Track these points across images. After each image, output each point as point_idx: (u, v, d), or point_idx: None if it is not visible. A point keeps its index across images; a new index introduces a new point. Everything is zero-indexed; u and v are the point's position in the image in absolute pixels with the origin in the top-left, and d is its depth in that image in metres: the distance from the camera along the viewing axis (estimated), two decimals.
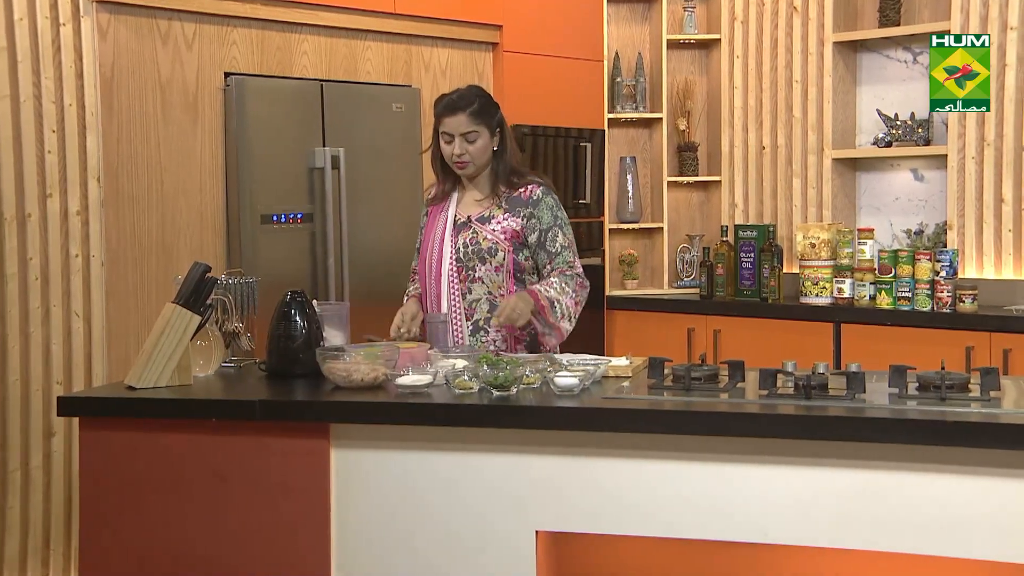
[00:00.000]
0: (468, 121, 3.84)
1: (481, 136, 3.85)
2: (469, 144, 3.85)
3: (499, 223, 3.88)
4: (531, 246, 3.90)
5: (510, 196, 3.90)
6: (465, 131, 3.84)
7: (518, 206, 3.89)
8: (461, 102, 3.86)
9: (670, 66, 6.63)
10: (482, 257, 3.85)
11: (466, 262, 3.86)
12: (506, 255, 3.86)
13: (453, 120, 3.85)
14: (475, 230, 3.88)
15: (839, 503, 2.86)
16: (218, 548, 3.22)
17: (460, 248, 3.87)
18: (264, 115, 4.90)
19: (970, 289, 5.33)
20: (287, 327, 3.55)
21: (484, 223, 3.88)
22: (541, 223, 3.88)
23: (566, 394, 3.15)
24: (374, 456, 3.19)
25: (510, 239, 3.87)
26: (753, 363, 3.31)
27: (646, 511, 3.01)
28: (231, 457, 3.22)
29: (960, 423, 2.75)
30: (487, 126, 3.86)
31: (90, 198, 4.38)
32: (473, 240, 3.87)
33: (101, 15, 4.41)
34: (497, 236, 3.86)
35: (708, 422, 2.94)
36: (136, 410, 3.25)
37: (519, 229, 3.88)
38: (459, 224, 3.91)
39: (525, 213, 3.88)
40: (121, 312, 4.46)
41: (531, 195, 3.90)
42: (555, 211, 3.92)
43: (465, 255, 3.87)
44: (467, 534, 3.13)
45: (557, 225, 3.91)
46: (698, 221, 6.77)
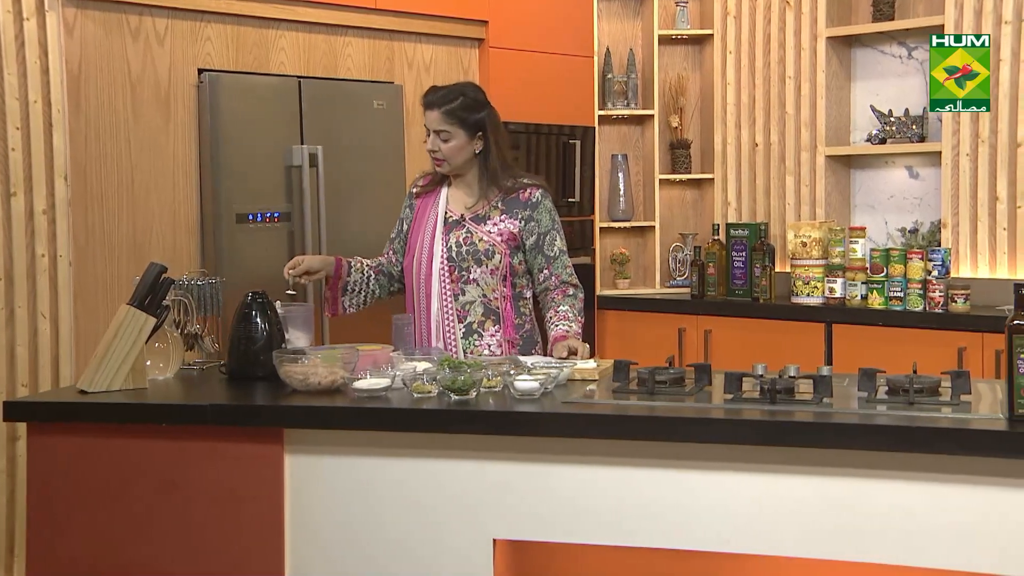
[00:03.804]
0: (440, 119, 3.75)
1: (454, 137, 3.75)
2: (442, 142, 3.76)
3: (496, 224, 3.78)
4: (527, 249, 3.80)
5: (507, 198, 3.81)
6: (438, 129, 3.76)
7: (516, 208, 3.80)
8: (437, 99, 3.77)
9: (662, 62, 6.53)
10: (478, 259, 3.75)
11: (460, 263, 3.76)
12: (502, 258, 3.76)
13: (429, 115, 3.77)
14: (469, 230, 3.78)
15: (802, 511, 2.77)
16: (169, 557, 3.13)
17: (452, 247, 3.77)
18: (240, 112, 4.81)
19: (962, 289, 5.22)
20: (247, 329, 3.47)
21: (479, 223, 3.79)
22: (540, 226, 3.80)
23: (526, 398, 3.07)
24: (329, 462, 3.10)
25: (507, 241, 3.77)
26: (743, 365, 3.21)
27: (606, 519, 2.92)
28: (182, 463, 3.13)
29: (924, 428, 2.65)
30: (462, 127, 3.75)
31: (57, 197, 4.29)
32: (468, 240, 3.77)
33: (67, 10, 4.32)
34: (494, 238, 3.76)
35: (667, 427, 2.85)
36: (85, 415, 3.17)
37: (516, 232, 3.78)
38: (450, 222, 3.82)
39: (524, 215, 3.79)
40: (90, 313, 4.38)
41: (530, 197, 3.81)
42: (553, 215, 3.85)
43: (459, 255, 3.76)
44: (423, 542, 3.04)
45: (555, 229, 3.84)
46: (691, 219, 6.67)
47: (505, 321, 3.78)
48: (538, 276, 3.83)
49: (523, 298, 3.85)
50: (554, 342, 3.66)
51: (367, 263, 3.94)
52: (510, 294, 3.81)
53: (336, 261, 3.87)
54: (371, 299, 3.95)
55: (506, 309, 3.79)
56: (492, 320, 3.77)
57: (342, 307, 3.91)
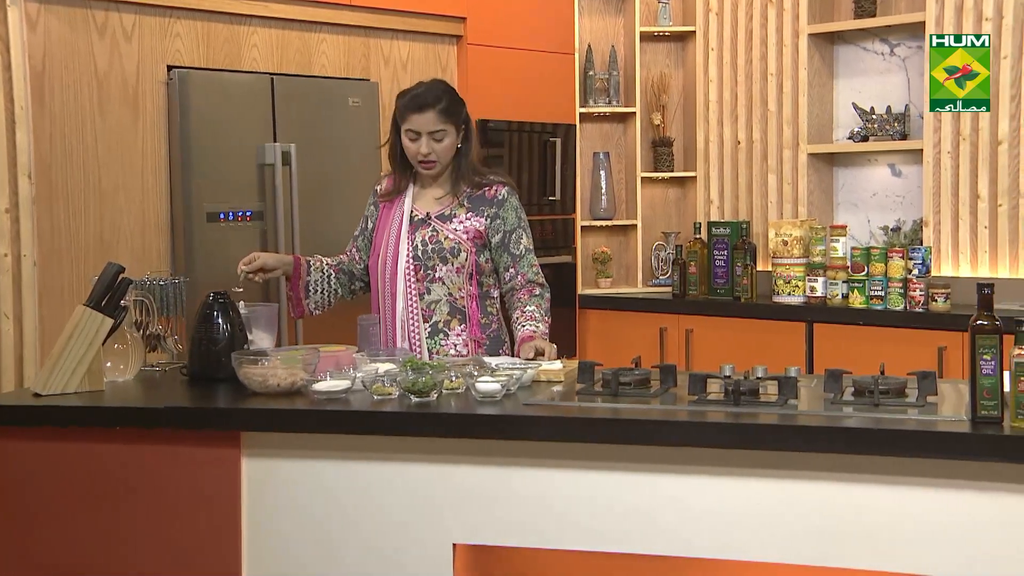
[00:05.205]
0: (436, 119, 3.66)
1: (448, 135, 3.68)
2: (436, 143, 3.68)
3: (461, 222, 3.72)
4: (493, 247, 3.74)
5: (473, 195, 3.75)
6: (433, 130, 3.66)
7: (482, 205, 3.74)
8: (430, 99, 3.66)
9: (644, 59, 6.47)
10: (444, 257, 3.69)
11: (425, 261, 3.69)
12: (468, 256, 3.70)
13: (421, 118, 3.65)
14: (435, 228, 3.71)
15: (765, 514, 2.72)
16: (123, 563, 3.07)
17: (418, 246, 3.71)
18: (210, 110, 4.74)
19: (943, 288, 5.16)
20: (208, 330, 3.41)
21: (445, 221, 3.72)
22: (506, 224, 3.74)
23: (487, 400, 3.01)
24: (287, 465, 3.05)
25: (473, 239, 3.71)
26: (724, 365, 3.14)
27: (568, 523, 2.86)
28: (138, 466, 3.08)
29: (886, 431, 2.59)
30: (454, 124, 3.69)
31: (20, 195, 4.21)
32: (433, 239, 3.70)
33: (29, 5, 4.24)
34: (459, 236, 3.70)
35: (628, 430, 2.79)
36: (38, 418, 3.11)
37: (482, 229, 3.72)
38: (416, 221, 3.75)
39: (489, 213, 3.73)
40: (56, 314, 4.29)
41: (496, 195, 3.75)
42: (519, 212, 3.79)
43: (424, 254, 3.70)
44: (383, 547, 2.99)
45: (521, 227, 3.77)
46: (674, 218, 6.61)
47: (471, 320, 3.72)
48: (504, 275, 3.77)
49: (490, 297, 3.78)
50: (521, 342, 3.60)
51: (327, 261, 3.87)
52: (476, 293, 3.74)
53: (295, 260, 3.81)
54: (334, 299, 3.88)
55: (472, 308, 3.72)
56: (458, 319, 3.71)
57: (307, 309, 3.85)
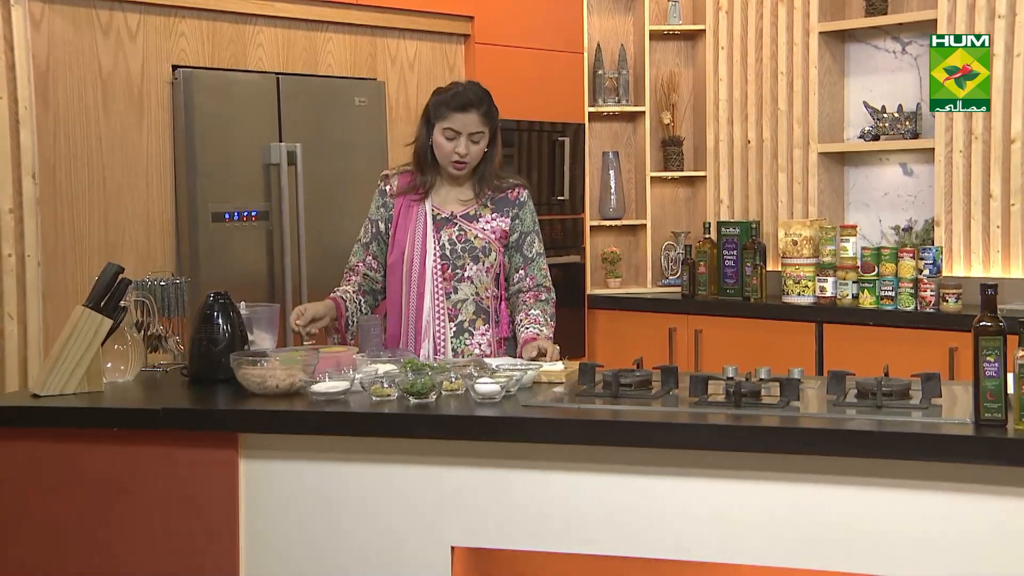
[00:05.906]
0: (478, 121, 3.65)
1: (484, 137, 3.69)
2: (473, 144, 3.67)
3: (488, 222, 3.74)
4: (508, 246, 3.77)
5: (495, 197, 3.77)
6: (473, 131, 3.66)
7: (506, 206, 3.77)
8: (474, 99, 3.65)
9: (654, 58, 6.43)
10: (475, 256, 3.70)
11: (454, 260, 3.69)
12: (497, 256, 3.73)
13: (464, 118, 3.64)
14: (462, 227, 3.71)
15: (766, 517, 2.68)
16: (120, 563, 3.06)
17: (445, 245, 3.70)
18: (216, 110, 4.72)
19: (954, 288, 5.11)
20: (209, 330, 3.39)
21: (471, 221, 3.73)
22: (523, 225, 3.78)
23: (487, 402, 2.98)
24: (284, 467, 3.03)
25: (500, 239, 3.75)
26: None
27: (567, 526, 2.84)
28: (135, 468, 3.06)
29: (889, 433, 2.56)
30: (491, 128, 3.71)
31: (24, 196, 4.20)
32: (462, 237, 3.70)
33: (34, 4, 4.24)
34: (488, 235, 3.72)
35: (628, 432, 2.76)
36: (36, 419, 3.09)
37: (507, 229, 3.75)
38: (439, 220, 3.73)
39: (512, 213, 3.77)
40: (60, 314, 4.26)
41: (518, 196, 3.79)
42: (534, 216, 3.84)
43: (453, 253, 3.70)
44: (380, 549, 2.96)
45: (535, 231, 3.82)
46: (684, 217, 6.57)
47: (501, 321, 3.75)
48: (513, 276, 3.79)
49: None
50: (524, 343, 3.59)
51: (350, 290, 3.79)
52: (502, 294, 3.77)
53: (335, 302, 3.73)
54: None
55: (500, 309, 3.76)
56: (483, 319, 3.72)
57: (348, 339, 3.79)
